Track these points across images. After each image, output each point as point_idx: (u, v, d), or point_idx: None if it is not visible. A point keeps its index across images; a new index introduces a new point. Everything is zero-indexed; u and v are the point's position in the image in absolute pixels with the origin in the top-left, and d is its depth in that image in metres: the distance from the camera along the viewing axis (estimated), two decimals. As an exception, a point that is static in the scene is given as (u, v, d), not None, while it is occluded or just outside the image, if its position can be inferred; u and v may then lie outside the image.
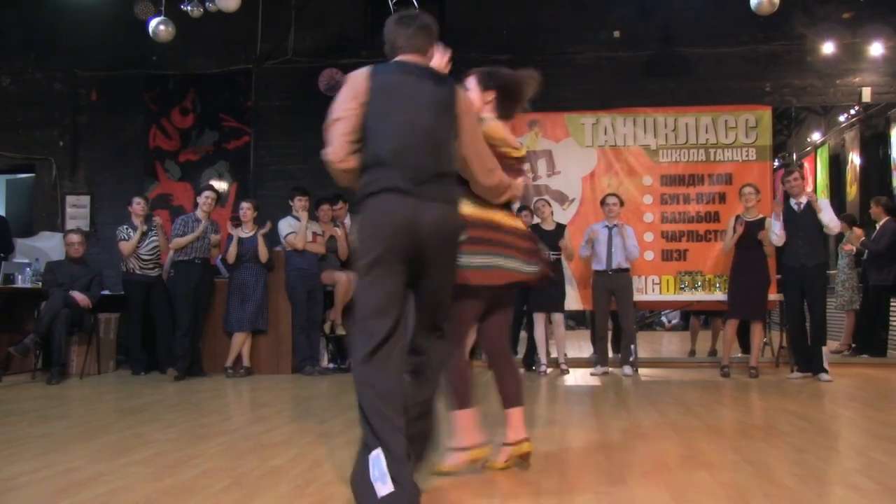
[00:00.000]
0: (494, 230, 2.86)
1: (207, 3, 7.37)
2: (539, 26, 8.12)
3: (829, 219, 6.01)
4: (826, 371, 5.99)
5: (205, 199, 6.69)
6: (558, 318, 6.93)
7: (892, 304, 7.88)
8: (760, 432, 3.82)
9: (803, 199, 6.13)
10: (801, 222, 6.07)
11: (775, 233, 6.23)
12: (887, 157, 8.18)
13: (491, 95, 2.99)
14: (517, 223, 3.00)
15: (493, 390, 3.10)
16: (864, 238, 7.69)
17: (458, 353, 2.90)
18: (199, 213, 6.67)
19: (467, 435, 2.94)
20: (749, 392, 5.50)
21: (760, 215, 6.52)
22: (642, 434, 3.76)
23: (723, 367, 6.48)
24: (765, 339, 7.31)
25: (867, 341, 7.89)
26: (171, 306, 6.72)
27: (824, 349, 6.09)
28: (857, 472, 2.91)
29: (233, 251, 6.62)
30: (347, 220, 7.19)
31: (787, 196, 6.31)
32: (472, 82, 3.02)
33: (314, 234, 6.80)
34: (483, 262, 2.81)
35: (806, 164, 10.08)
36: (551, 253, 6.50)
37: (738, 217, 6.55)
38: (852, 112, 8.65)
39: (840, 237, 7.77)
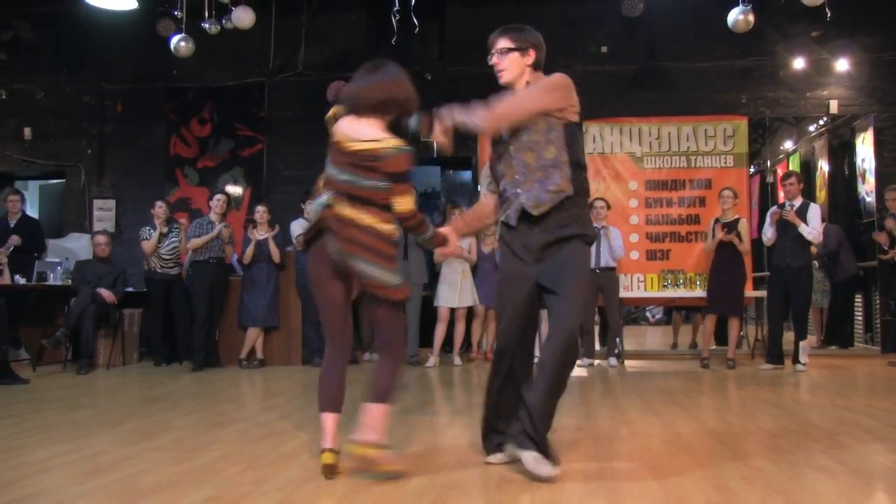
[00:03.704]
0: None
1: (224, 21, 7.37)
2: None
3: (808, 230, 5.97)
4: (801, 363, 6.01)
5: (216, 201, 6.70)
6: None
7: (857, 299, 7.92)
8: (737, 419, 3.82)
9: (797, 203, 6.10)
10: (791, 225, 6.04)
11: (766, 235, 6.22)
12: (853, 164, 8.19)
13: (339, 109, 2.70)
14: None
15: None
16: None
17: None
18: (212, 215, 6.68)
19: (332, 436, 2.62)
20: (727, 382, 5.50)
21: (737, 216, 6.53)
22: (628, 421, 3.76)
23: (702, 359, 6.47)
24: (741, 333, 7.31)
25: (835, 334, 7.91)
26: (190, 302, 6.72)
27: (803, 343, 6.10)
28: (825, 454, 2.91)
29: (249, 253, 6.62)
30: None
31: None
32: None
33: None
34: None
35: (779, 171, 10.08)
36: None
37: (717, 220, 6.55)
38: (821, 122, 8.65)
39: None
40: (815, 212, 6.07)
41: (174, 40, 7.33)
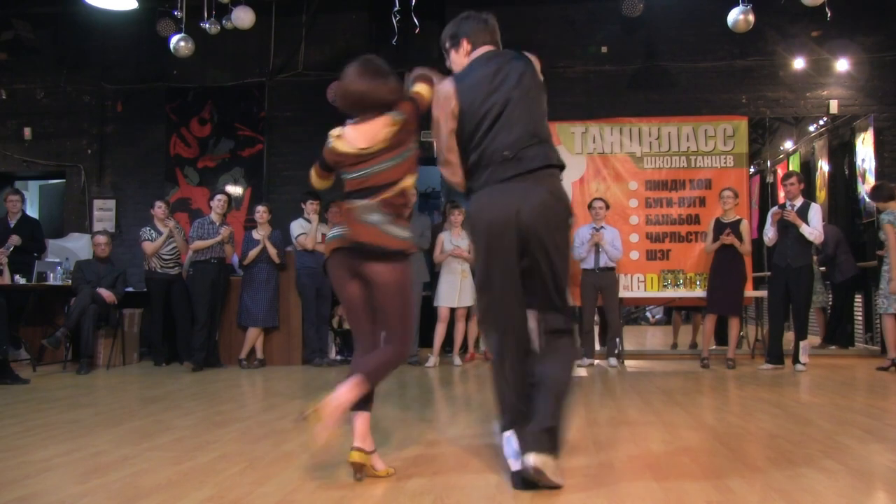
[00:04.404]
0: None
1: (224, 21, 7.37)
2: (532, 42, 8.10)
3: (809, 231, 5.97)
4: (801, 363, 6.01)
5: (217, 201, 6.70)
6: None
7: (856, 299, 7.92)
8: (737, 419, 3.82)
9: (798, 203, 6.10)
10: (792, 225, 6.04)
11: (767, 235, 6.23)
12: (853, 164, 8.19)
13: None
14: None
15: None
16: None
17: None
18: (213, 215, 6.68)
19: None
20: (726, 382, 5.50)
21: (738, 217, 6.53)
22: (628, 421, 3.76)
23: (702, 359, 6.48)
24: (741, 333, 7.30)
25: (835, 334, 7.92)
26: (190, 302, 6.72)
27: (803, 343, 6.10)
28: (824, 454, 2.91)
29: (253, 254, 6.62)
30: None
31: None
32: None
33: (323, 235, 6.81)
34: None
35: (779, 171, 10.08)
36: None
37: (717, 220, 6.55)
38: (821, 123, 8.65)
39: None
40: (815, 212, 6.07)
41: (174, 40, 7.33)
